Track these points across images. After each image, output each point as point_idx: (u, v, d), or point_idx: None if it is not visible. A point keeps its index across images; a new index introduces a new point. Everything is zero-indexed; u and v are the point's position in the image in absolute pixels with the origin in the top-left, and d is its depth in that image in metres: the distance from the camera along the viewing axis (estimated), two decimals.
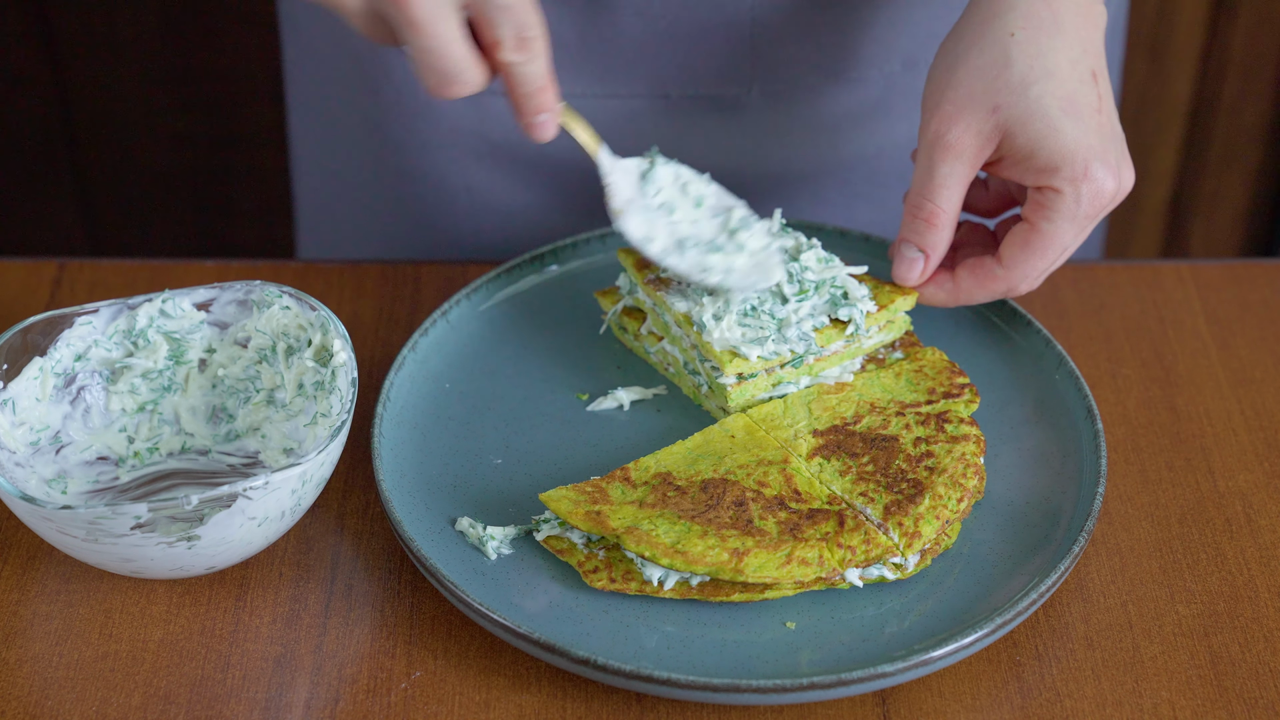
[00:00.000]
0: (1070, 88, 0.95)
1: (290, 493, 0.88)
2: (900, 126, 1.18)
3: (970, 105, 0.95)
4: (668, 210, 1.00)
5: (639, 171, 1.00)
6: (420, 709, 0.87)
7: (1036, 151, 0.94)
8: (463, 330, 1.05)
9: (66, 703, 0.87)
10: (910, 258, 1.00)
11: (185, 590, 0.92)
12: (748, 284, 0.97)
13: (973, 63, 0.96)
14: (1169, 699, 0.88)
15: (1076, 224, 0.96)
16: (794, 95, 1.15)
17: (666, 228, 0.99)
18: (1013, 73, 0.95)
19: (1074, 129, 0.94)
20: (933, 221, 0.98)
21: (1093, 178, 0.94)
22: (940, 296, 1.01)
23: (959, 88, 0.96)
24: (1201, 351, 1.08)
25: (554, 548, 0.92)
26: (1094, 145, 0.94)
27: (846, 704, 0.87)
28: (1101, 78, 0.97)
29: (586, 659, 0.85)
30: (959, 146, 0.96)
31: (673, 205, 1.00)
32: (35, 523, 0.87)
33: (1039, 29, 0.96)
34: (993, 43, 0.96)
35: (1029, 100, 0.94)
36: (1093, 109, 0.95)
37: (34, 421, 0.95)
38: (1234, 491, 0.99)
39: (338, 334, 0.94)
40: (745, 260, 0.99)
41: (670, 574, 0.90)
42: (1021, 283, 0.98)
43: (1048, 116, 0.94)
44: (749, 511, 0.91)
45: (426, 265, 1.14)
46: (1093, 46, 0.97)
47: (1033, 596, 0.88)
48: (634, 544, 0.89)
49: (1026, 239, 0.97)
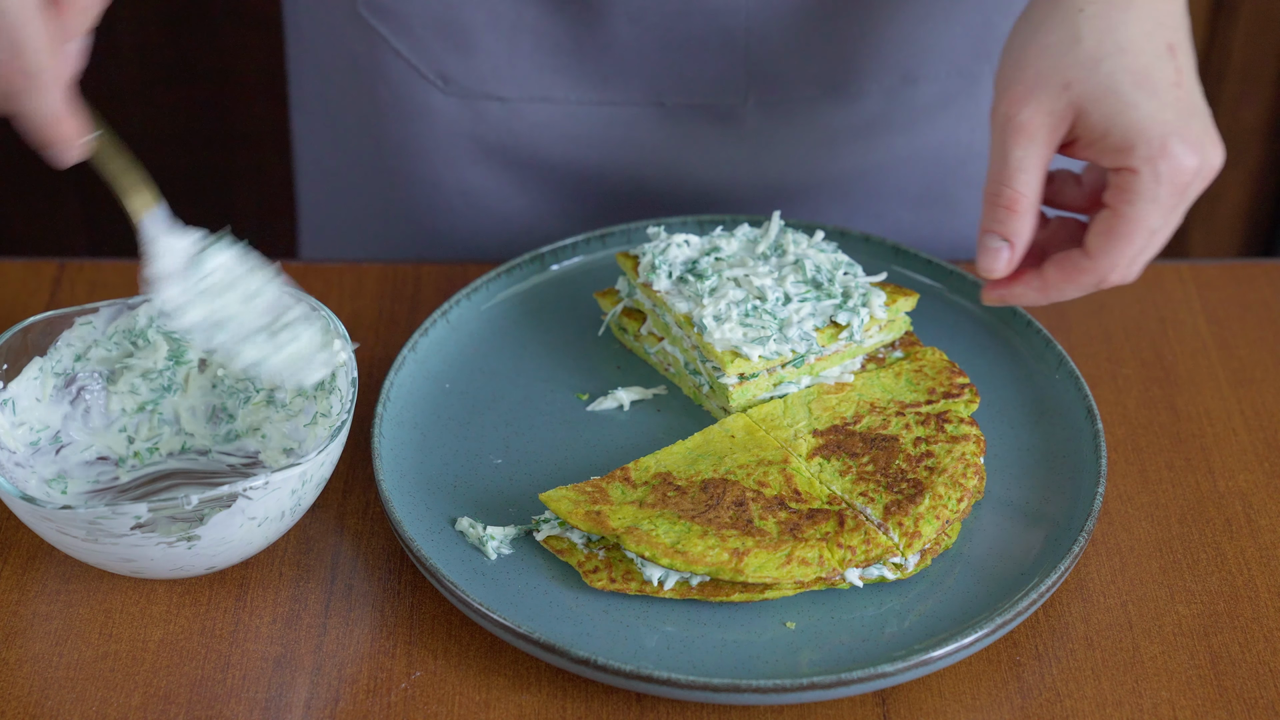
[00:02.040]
0: (1144, 61, 0.91)
1: (290, 493, 0.88)
2: (899, 141, 1.18)
3: (1040, 84, 0.92)
4: (214, 294, 0.94)
5: (194, 248, 0.94)
6: (420, 709, 0.87)
7: (1110, 129, 0.91)
8: (463, 330, 1.05)
9: (66, 703, 0.87)
10: (993, 248, 0.94)
11: (185, 590, 0.92)
12: (277, 379, 0.93)
13: (1041, 41, 0.93)
14: (1169, 699, 0.88)
15: (1160, 205, 0.91)
16: (791, 108, 1.15)
17: (207, 308, 0.94)
18: (1083, 49, 0.91)
19: (1149, 104, 0.90)
20: (1013, 207, 0.93)
21: (1171, 154, 0.90)
22: (1030, 295, 0.96)
23: (1028, 67, 0.93)
24: (1201, 351, 1.08)
25: (554, 548, 0.92)
26: (1171, 121, 0.90)
27: (846, 704, 0.87)
28: (1181, 50, 0.93)
29: (586, 659, 0.85)
30: (1031, 127, 0.92)
31: (222, 291, 0.95)
32: (35, 523, 0.87)
33: (1110, 4, 0.92)
34: (1062, 20, 0.92)
35: (1100, 76, 0.91)
36: (1170, 83, 0.91)
37: (34, 421, 0.95)
38: (1234, 491, 0.99)
39: (338, 334, 0.94)
40: (282, 359, 0.94)
41: (670, 574, 0.90)
42: (1111, 272, 0.94)
43: (1120, 92, 0.90)
44: (749, 511, 0.91)
45: (426, 265, 1.14)
46: (1169, 19, 0.93)
47: (1033, 596, 0.88)
48: (634, 544, 0.89)
49: (1110, 225, 0.92)
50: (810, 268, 1.00)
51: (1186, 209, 0.93)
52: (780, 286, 1.00)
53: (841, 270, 1.01)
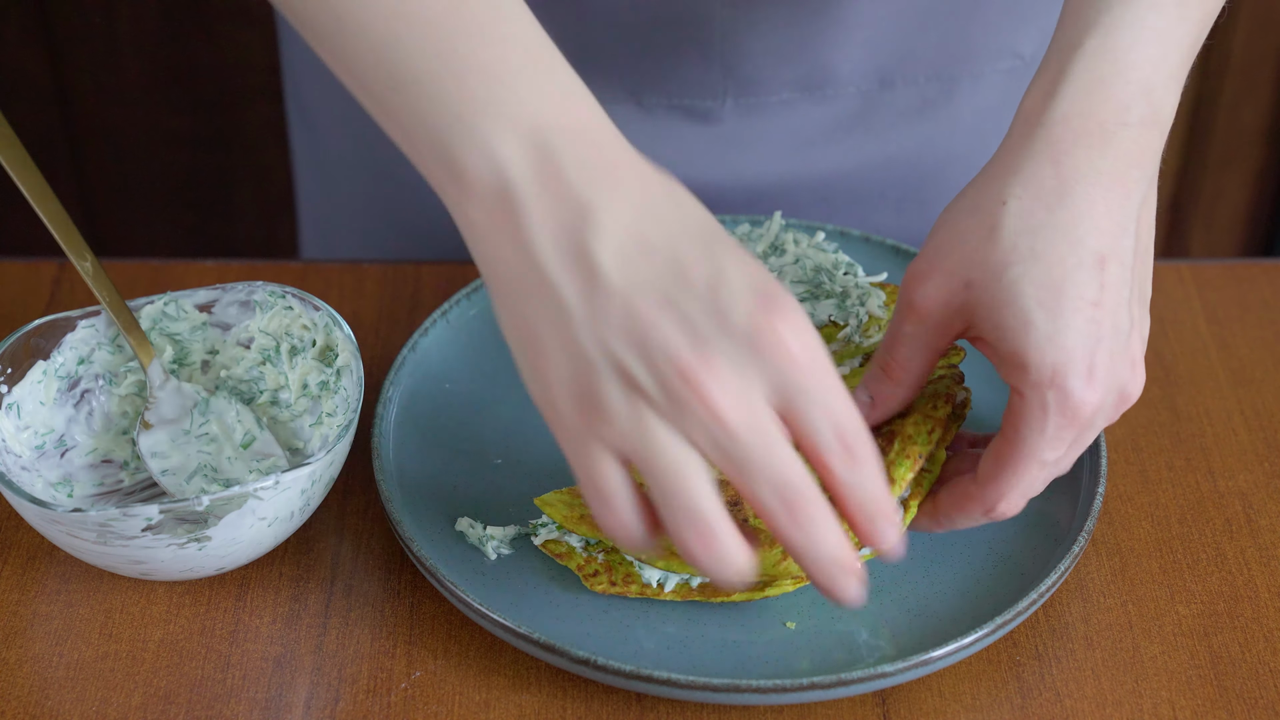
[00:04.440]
0: (1058, 274, 0.79)
1: (300, 493, 0.88)
2: (877, 144, 1.17)
3: (944, 272, 0.82)
4: (206, 440, 0.96)
5: (194, 398, 0.96)
6: (420, 709, 0.87)
7: (1001, 342, 0.80)
8: (463, 330, 1.06)
9: (66, 703, 0.87)
10: (860, 400, 0.89)
11: (185, 590, 0.93)
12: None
13: (959, 226, 0.83)
14: (1169, 699, 0.88)
15: (1049, 441, 0.81)
16: (768, 109, 1.15)
17: (189, 453, 0.95)
18: (995, 248, 0.80)
19: (1048, 325, 0.79)
20: (887, 372, 0.87)
21: (1061, 388, 0.79)
22: (924, 522, 0.89)
23: (939, 250, 0.83)
24: (1201, 351, 1.08)
25: (553, 552, 0.92)
26: (1071, 347, 0.79)
27: (846, 704, 0.87)
28: (1114, 263, 0.80)
29: (586, 659, 0.85)
30: (923, 310, 0.83)
31: (216, 438, 0.96)
32: (44, 526, 0.87)
33: (1037, 198, 0.80)
34: (985, 207, 0.82)
35: (1004, 283, 0.80)
36: (1087, 301, 0.79)
37: (38, 425, 0.95)
38: (1234, 491, 0.99)
39: (342, 333, 0.94)
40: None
41: (670, 576, 0.90)
42: (999, 501, 0.84)
43: (1019, 305, 0.79)
44: (744, 511, 0.91)
45: (426, 265, 1.14)
46: (1109, 224, 0.80)
47: (1033, 596, 0.88)
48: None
49: (999, 449, 0.83)
50: (809, 267, 1.00)
51: (1093, 437, 0.83)
52: None
53: (841, 270, 1.01)
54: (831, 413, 0.74)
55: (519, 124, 0.75)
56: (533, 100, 0.75)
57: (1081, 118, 0.82)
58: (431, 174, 0.78)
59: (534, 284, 0.75)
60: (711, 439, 0.73)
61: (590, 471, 0.75)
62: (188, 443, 0.96)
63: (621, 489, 0.76)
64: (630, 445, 0.74)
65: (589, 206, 0.74)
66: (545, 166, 0.74)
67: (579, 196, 0.74)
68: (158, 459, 0.95)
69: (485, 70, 0.76)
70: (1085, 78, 0.83)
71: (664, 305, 0.73)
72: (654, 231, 0.74)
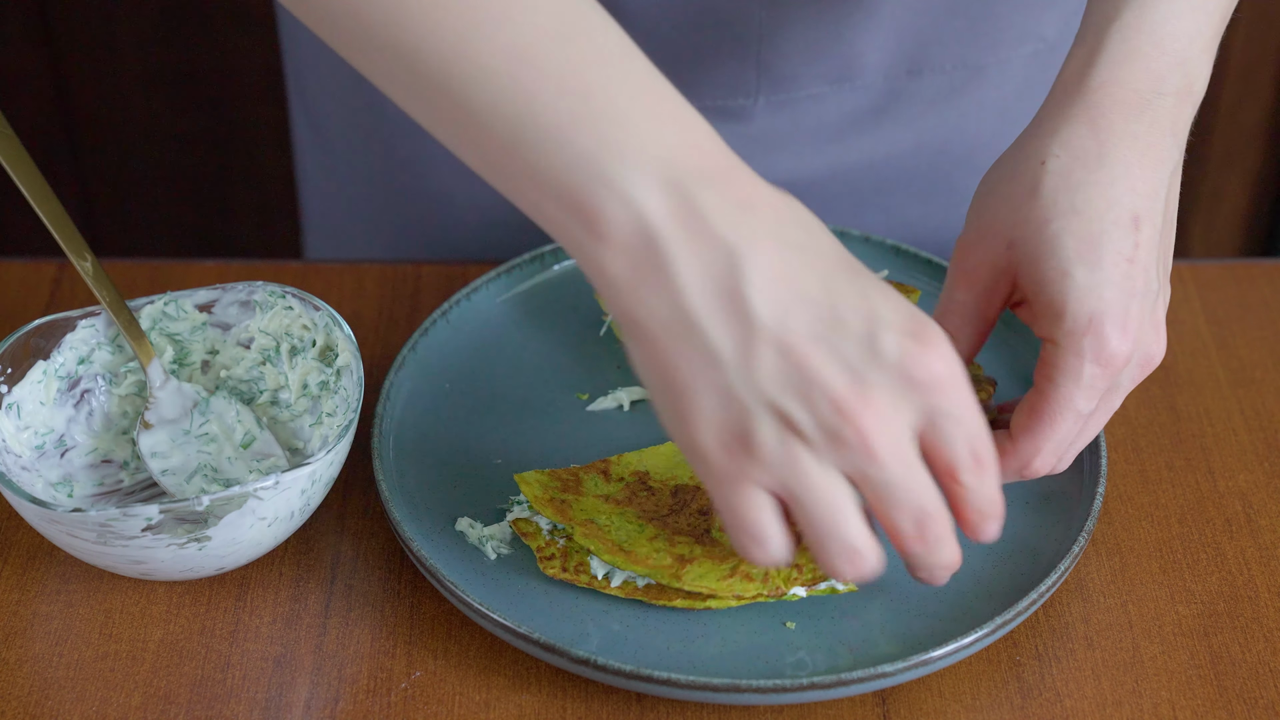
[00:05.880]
0: (1096, 229, 0.82)
1: (300, 493, 0.88)
2: (905, 133, 1.18)
3: (989, 234, 0.86)
4: (206, 440, 0.96)
5: (194, 398, 0.97)
6: (420, 709, 0.87)
7: (1040, 293, 0.83)
8: (462, 330, 1.06)
9: (66, 703, 0.87)
10: None
11: (185, 590, 0.93)
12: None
13: (1003, 190, 0.86)
14: (1169, 699, 0.88)
15: (1086, 388, 0.83)
16: (797, 104, 1.15)
17: (189, 453, 0.95)
18: (1036, 205, 0.84)
19: (1087, 276, 0.82)
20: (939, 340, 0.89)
21: (1098, 334, 0.82)
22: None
23: (984, 213, 0.87)
24: (1201, 351, 1.08)
25: (520, 530, 0.92)
26: (1108, 298, 0.82)
27: (846, 704, 0.87)
28: (1146, 223, 0.83)
29: (586, 659, 0.85)
30: (973, 276, 0.87)
31: (216, 438, 0.96)
32: (44, 526, 0.87)
33: (1076, 159, 0.84)
34: (1025, 169, 0.85)
35: (1045, 236, 0.83)
36: (1122, 257, 0.82)
37: (39, 425, 0.95)
38: (1234, 491, 0.99)
39: (342, 333, 0.94)
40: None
41: (616, 570, 0.89)
42: (1034, 458, 0.85)
43: (1060, 257, 0.83)
44: (710, 521, 0.91)
45: (426, 265, 1.14)
46: (1145, 186, 0.84)
47: (1033, 596, 0.88)
48: (583, 536, 0.89)
49: (1033, 404, 0.85)
50: None
51: (1121, 399, 0.86)
52: None
53: None
54: (968, 429, 0.76)
55: (654, 168, 0.74)
56: (661, 139, 0.74)
57: (1119, 85, 0.85)
58: (550, 218, 0.76)
59: (683, 332, 0.74)
60: (860, 469, 0.75)
61: (742, 511, 0.76)
62: (188, 443, 0.96)
63: (773, 526, 0.77)
64: (781, 481, 0.75)
65: (735, 250, 0.74)
66: (686, 211, 0.74)
67: (724, 240, 0.74)
68: (158, 459, 0.95)
69: (612, 109, 0.75)
70: (1122, 49, 0.86)
71: (819, 345, 0.74)
72: (801, 270, 0.75)
